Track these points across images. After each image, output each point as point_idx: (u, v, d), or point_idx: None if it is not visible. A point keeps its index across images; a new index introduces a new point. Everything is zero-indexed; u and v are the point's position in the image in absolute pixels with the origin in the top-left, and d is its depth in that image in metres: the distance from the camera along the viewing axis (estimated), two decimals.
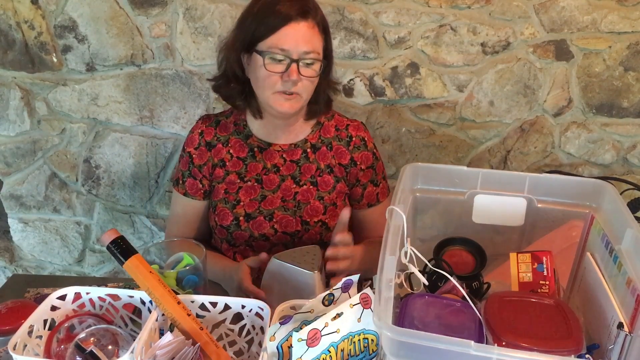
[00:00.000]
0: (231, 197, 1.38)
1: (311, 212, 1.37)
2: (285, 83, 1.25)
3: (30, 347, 0.93)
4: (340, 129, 1.42)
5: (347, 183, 1.42)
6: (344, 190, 1.41)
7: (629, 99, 1.93)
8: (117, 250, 0.94)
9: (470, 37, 1.86)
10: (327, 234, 1.38)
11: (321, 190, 1.39)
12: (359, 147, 1.41)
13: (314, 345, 0.86)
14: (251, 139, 1.41)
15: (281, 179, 1.39)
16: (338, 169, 1.40)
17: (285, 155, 1.40)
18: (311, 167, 1.39)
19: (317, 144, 1.41)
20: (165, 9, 1.87)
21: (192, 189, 1.43)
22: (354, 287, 0.98)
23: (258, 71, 1.27)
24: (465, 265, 1.13)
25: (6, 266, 2.32)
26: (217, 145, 1.41)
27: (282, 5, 1.23)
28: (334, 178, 1.40)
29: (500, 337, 0.86)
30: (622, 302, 0.89)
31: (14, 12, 1.90)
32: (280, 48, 1.23)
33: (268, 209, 1.37)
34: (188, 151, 1.43)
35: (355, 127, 1.43)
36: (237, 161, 1.40)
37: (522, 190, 1.11)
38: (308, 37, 1.24)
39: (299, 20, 1.23)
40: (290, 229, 1.37)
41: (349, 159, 1.41)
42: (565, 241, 1.14)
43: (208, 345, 0.93)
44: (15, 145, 2.09)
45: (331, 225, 1.38)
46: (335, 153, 1.40)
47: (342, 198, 1.41)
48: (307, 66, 1.25)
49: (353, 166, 1.41)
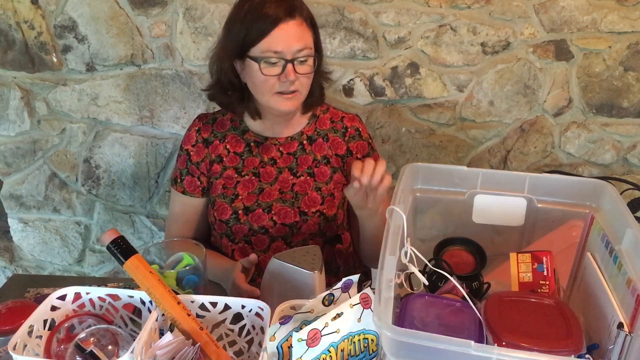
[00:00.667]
0: (229, 191, 1.39)
1: (309, 202, 1.38)
2: (283, 84, 1.27)
3: (30, 347, 0.92)
4: (336, 121, 1.44)
5: (345, 173, 1.43)
6: (341, 180, 1.42)
7: (629, 99, 1.93)
8: (117, 250, 0.94)
9: (470, 37, 1.86)
10: (326, 225, 1.38)
11: (318, 181, 1.40)
12: (354, 137, 1.43)
13: (314, 345, 0.86)
14: (247, 134, 1.42)
15: (278, 171, 1.40)
16: (335, 159, 1.42)
17: (282, 148, 1.41)
18: (308, 158, 1.41)
19: (313, 136, 1.42)
20: (165, 9, 1.87)
21: (190, 186, 1.44)
22: (354, 287, 0.98)
23: (254, 76, 1.28)
24: (465, 265, 1.13)
25: (6, 266, 2.32)
26: (214, 142, 1.43)
27: (268, 8, 1.24)
28: (331, 169, 1.41)
29: (500, 337, 0.86)
30: (622, 302, 0.89)
31: (13, 12, 1.90)
32: (274, 51, 1.24)
33: (266, 202, 1.38)
34: (186, 149, 1.44)
35: (350, 119, 1.46)
36: (234, 156, 1.41)
37: (522, 190, 1.11)
38: (299, 34, 1.25)
39: (288, 20, 1.24)
40: (288, 220, 1.38)
41: (345, 149, 1.42)
42: (565, 241, 1.14)
43: (208, 345, 0.93)
44: (15, 145, 2.09)
45: (329, 215, 1.39)
46: (332, 144, 1.42)
47: (340, 189, 1.42)
48: (302, 63, 1.27)
49: (349, 156, 1.43)
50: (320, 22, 1.84)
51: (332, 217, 1.39)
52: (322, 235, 1.39)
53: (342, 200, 1.42)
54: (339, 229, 1.42)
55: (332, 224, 1.40)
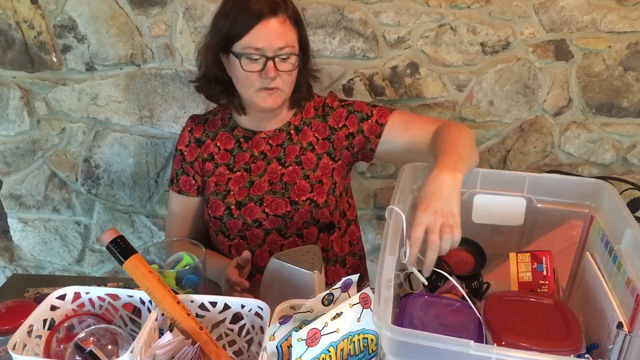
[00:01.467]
0: (221, 188, 1.41)
1: (298, 191, 1.39)
2: (264, 80, 1.28)
3: (30, 347, 0.93)
4: (318, 107, 1.45)
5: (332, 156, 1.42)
6: (328, 165, 1.42)
7: (628, 98, 1.93)
8: (117, 250, 0.94)
9: (470, 37, 1.86)
10: (318, 212, 1.39)
11: (306, 169, 1.41)
12: (329, 113, 1.43)
13: (314, 345, 0.86)
14: (237, 130, 1.44)
15: (267, 163, 1.41)
16: (320, 144, 1.42)
17: (270, 141, 1.43)
18: (295, 148, 1.42)
19: (299, 126, 1.44)
20: (165, 9, 1.87)
21: (185, 185, 1.46)
22: (353, 286, 0.98)
23: (237, 72, 1.30)
24: (465, 265, 1.13)
25: (6, 266, 2.32)
26: (206, 141, 1.45)
27: (252, 4, 1.25)
28: (316, 155, 1.42)
29: (500, 337, 0.86)
30: (622, 301, 0.89)
31: (13, 11, 1.89)
32: (255, 47, 1.25)
33: (257, 194, 1.39)
34: (180, 149, 1.47)
35: (325, 98, 1.46)
36: (225, 153, 1.43)
37: (522, 190, 1.11)
38: (280, 32, 1.26)
39: (269, 17, 1.25)
40: (280, 210, 1.38)
41: (328, 129, 1.43)
42: (565, 241, 1.14)
43: (207, 345, 0.93)
44: (14, 145, 2.09)
45: (320, 202, 1.39)
46: (316, 130, 1.43)
47: (329, 174, 1.42)
48: (283, 61, 1.28)
49: (334, 132, 1.42)
50: (320, 21, 1.85)
51: (324, 204, 1.39)
52: (315, 223, 1.40)
53: (332, 186, 1.42)
54: (332, 216, 1.43)
55: (324, 210, 1.40)
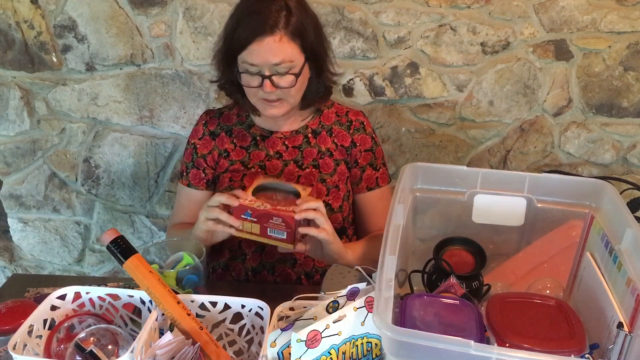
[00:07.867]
0: (236, 184, 1.41)
1: (314, 194, 1.39)
2: (265, 92, 1.28)
3: (30, 347, 0.92)
4: (341, 115, 1.46)
5: (348, 165, 1.44)
6: (344, 172, 1.43)
7: (628, 98, 1.93)
8: (117, 250, 0.94)
9: (470, 37, 1.86)
10: (331, 216, 1.38)
11: (323, 173, 1.41)
12: (359, 130, 1.45)
13: (314, 346, 0.86)
14: (253, 128, 1.45)
15: (284, 164, 1.41)
16: (339, 151, 1.43)
17: (287, 142, 1.43)
18: (312, 151, 1.42)
19: (317, 129, 1.44)
20: (165, 9, 1.87)
21: (195, 179, 1.46)
22: (359, 295, 0.96)
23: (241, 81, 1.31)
24: (465, 265, 1.13)
25: (6, 266, 2.32)
26: (220, 134, 1.45)
27: (251, 20, 1.25)
28: (334, 161, 1.42)
29: (504, 338, 0.86)
30: (622, 301, 0.89)
31: (13, 11, 1.89)
32: (251, 63, 1.26)
33: None
34: (192, 142, 1.47)
35: (355, 113, 1.47)
36: (240, 150, 1.44)
37: (522, 190, 1.11)
38: (276, 50, 1.24)
39: (264, 36, 1.23)
40: None
41: (349, 141, 1.44)
42: (565, 241, 1.14)
43: (208, 345, 0.93)
44: (14, 145, 2.09)
45: (335, 207, 1.40)
46: (337, 137, 1.43)
47: (345, 181, 1.43)
48: (282, 76, 1.27)
49: (353, 147, 1.44)
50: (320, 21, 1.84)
51: (338, 209, 1.40)
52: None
53: (347, 193, 1.43)
54: (344, 222, 1.43)
55: (338, 215, 1.40)
